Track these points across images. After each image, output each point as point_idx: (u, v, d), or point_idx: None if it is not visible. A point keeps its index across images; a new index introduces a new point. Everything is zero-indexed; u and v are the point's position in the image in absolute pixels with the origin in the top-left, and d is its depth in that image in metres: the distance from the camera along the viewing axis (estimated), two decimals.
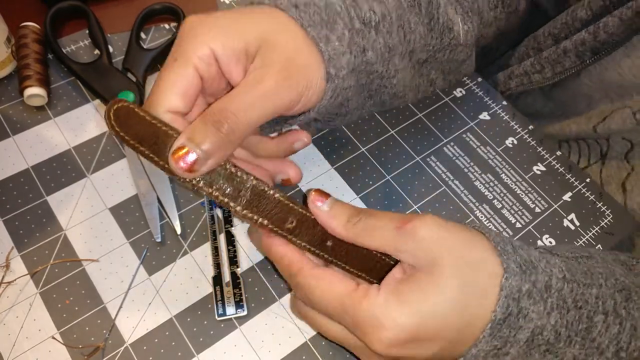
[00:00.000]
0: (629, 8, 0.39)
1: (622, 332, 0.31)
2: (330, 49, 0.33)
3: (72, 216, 0.41)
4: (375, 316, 0.29)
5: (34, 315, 0.37)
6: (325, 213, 0.32)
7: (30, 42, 0.47)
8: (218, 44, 0.31)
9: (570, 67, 0.45)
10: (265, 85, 0.31)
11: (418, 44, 0.39)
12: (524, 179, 0.47)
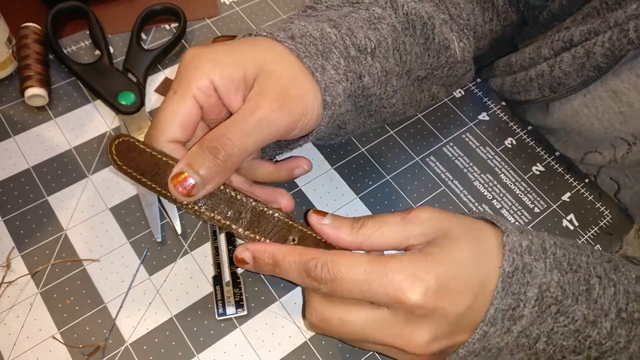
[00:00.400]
0: (582, 47, 0.40)
1: (617, 294, 0.32)
2: (327, 78, 0.35)
3: (73, 216, 0.42)
4: (406, 270, 0.30)
5: (35, 315, 0.37)
6: (329, 226, 0.33)
7: (31, 43, 0.47)
8: (216, 75, 0.33)
9: (534, 99, 0.46)
10: (260, 112, 0.32)
11: (415, 63, 0.40)
12: (523, 179, 0.47)
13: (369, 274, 0.30)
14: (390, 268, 0.30)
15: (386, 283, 0.30)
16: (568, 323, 0.31)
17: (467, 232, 0.32)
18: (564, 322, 0.31)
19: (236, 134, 0.32)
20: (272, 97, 0.33)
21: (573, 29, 0.41)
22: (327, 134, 0.39)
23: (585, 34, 0.40)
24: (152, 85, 0.49)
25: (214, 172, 0.32)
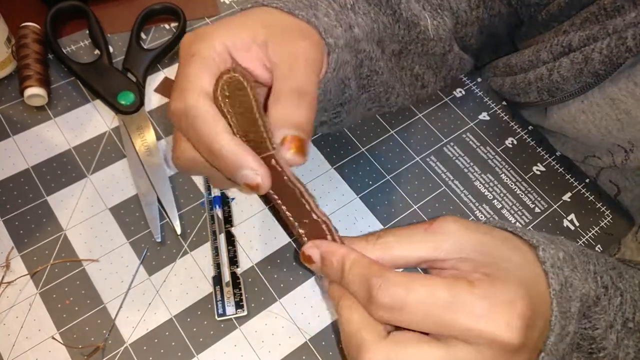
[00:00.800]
0: (581, 52, 0.40)
1: (624, 303, 0.31)
2: (323, 23, 0.34)
3: (72, 216, 0.41)
4: (497, 298, 0.25)
5: (34, 315, 0.37)
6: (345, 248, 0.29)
7: (31, 42, 0.47)
8: (225, 37, 0.31)
9: (533, 101, 0.46)
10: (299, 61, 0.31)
11: (384, 33, 0.39)
12: (523, 179, 0.47)
13: (452, 297, 0.25)
14: (476, 293, 0.25)
15: (473, 318, 0.25)
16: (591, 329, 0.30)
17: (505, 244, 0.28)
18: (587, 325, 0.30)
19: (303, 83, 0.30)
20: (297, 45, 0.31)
21: (572, 34, 0.41)
22: (333, 94, 0.37)
23: (584, 40, 0.40)
24: (152, 85, 0.49)
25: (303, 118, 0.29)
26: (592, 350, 0.30)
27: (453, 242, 0.28)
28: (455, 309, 0.25)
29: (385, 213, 0.44)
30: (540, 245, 0.28)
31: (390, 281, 0.26)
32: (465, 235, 0.28)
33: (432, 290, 0.25)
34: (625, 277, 0.32)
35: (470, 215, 0.44)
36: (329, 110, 0.39)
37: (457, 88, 0.52)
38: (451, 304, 0.25)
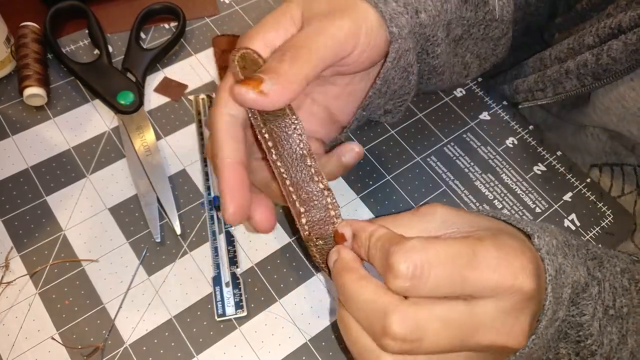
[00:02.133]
0: (634, 33, 0.39)
1: (602, 291, 0.31)
2: (390, 9, 0.34)
3: (72, 216, 0.41)
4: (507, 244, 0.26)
5: (33, 315, 0.37)
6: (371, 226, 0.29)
7: (30, 42, 0.47)
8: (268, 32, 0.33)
9: (570, 90, 0.45)
10: (313, 26, 0.31)
11: (453, 15, 0.38)
12: (524, 179, 0.47)
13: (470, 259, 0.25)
14: (487, 250, 0.25)
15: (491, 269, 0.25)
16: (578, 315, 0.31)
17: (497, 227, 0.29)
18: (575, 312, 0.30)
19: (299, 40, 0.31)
20: (322, 14, 0.32)
21: (621, 15, 0.40)
22: (397, 83, 0.36)
23: (635, 19, 0.39)
24: (152, 84, 0.49)
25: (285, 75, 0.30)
26: (580, 337, 0.31)
27: (441, 221, 0.28)
28: (476, 264, 0.25)
29: (385, 213, 0.44)
30: (535, 232, 0.29)
31: (406, 246, 0.25)
32: (454, 214, 0.29)
33: (451, 248, 0.25)
34: (606, 266, 0.32)
35: None
36: (395, 98, 0.38)
37: (458, 87, 0.52)
38: (471, 261, 0.25)
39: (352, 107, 0.38)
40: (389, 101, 0.38)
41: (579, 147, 0.50)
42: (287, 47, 0.31)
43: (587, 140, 0.49)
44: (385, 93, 0.37)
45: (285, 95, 0.30)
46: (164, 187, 0.42)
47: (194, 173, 0.44)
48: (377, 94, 0.36)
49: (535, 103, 0.48)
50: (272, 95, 0.29)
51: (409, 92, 0.38)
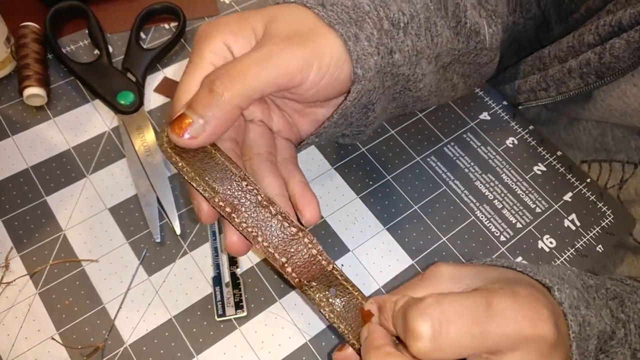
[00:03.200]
0: (637, 31, 0.39)
1: (629, 334, 0.30)
2: (359, 49, 0.32)
3: (72, 216, 0.41)
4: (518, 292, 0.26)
5: (33, 315, 0.37)
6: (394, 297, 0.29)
7: (30, 42, 0.47)
8: (228, 36, 0.31)
9: (574, 89, 0.44)
10: (265, 48, 0.30)
11: (444, 47, 0.38)
12: (524, 179, 0.47)
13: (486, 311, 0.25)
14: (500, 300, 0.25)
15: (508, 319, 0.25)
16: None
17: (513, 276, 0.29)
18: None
19: (236, 67, 0.29)
20: (280, 36, 0.30)
21: (620, 13, 0.40)
22: (355, 117, 0.36)
23: (636, 16, 0.39)
24: (152, 84, 0.49)
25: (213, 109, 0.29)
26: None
27: (450, 279, 0.28)
28: (492, 314, 0.24)
29: (385, 213, 0.44)
30: (554, 285, 0.28)
31: (421, 305, 0.25)
32: (460, 270, 0.28)
33: (466, 301, 0.25)
34: (628, 305, 0.32)
35: (471, 216, 0.44)
36: (352, 128, 0.38)
37: None
38: (487, 312, 0.24)
39: (309, 127, 0.37)
40: (346, 129, 0.38)
41: (571, 142, 0.50)
42: (219, 74, 0.29)
43: (579, 135, 0.49)
44: (342, 124, 0.36)
45: (215, 134, 0.29)
46: (164, 187, 0.42)
47: None
48: (332, 125, 0.35)
49: (538, 103, 0.48)
50: (201, 139, 0.29)
51: (367, 125, 0.37)
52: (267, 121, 0.35)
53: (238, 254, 0.32)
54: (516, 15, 0.46)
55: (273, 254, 0.30)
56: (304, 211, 0.33)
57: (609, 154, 0.48)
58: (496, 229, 0.44)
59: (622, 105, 0.43)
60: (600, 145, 0.48)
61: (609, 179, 0.48)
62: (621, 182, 0.47)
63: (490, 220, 0.44)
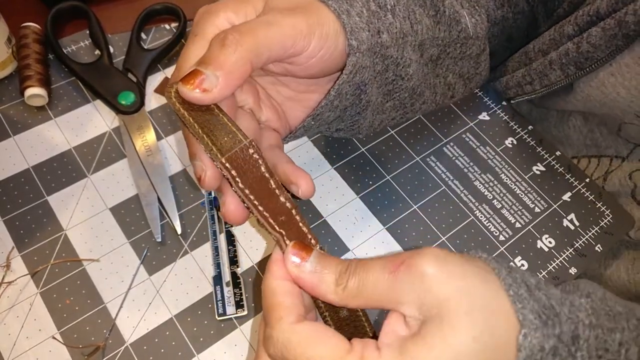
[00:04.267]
0: (613, 18, 0.39)
1: None
2: (352, 22, 0.33)
3: (73, 216, 0.41)
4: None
5: (35, 315, 0.37)
6: (309, 276, 0.27)
7: (31, 43, 0.47)
8: (230, 13, 0.31)
9: (555, 82, 0.45)
10: (269, 15, 0.31)
11: (426, 35, 0.38)
12: (523, 179, 0.47)
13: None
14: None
15: None
16: None
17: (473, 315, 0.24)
18: None
19: (245, 26, 0.29)
20: (281, 7, 0.31)
21: (598, 2, 0.41)
22: (349, 101, 0.36)
23: (613, 5, 0.39)
24: (152, 85, 0.49)
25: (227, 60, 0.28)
26: None
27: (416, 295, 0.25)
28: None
29: (385, 213, 0.44)
30: (524, 326, 0.24)
31: (278, 337, 0.26)
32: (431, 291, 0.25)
33: (315, 356, 0.25)
34: None
35: (471, 216, 0.45)
36: (346, 119, 0.38)
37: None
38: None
39: (302, 113, 0.37)
40: (340, 121, 0.38)
41: (562, 139, 0.51)
42: (230, 30, 0.29)
43: (569, 132, 0.50)
44: (337, 107, 0.36)
45: (229, 87, 0.29)
46: (165, 187, 0.43)
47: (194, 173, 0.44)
48: (328, 106, 0.35)
49: (527, 97, 0.48)
50: (216, 92, 0.28)
51: (361, 112, 0.37)
52: (256, 112, 0.36)
53: (236, 222, 0.31)
54: (505, 10, 0.47)
55: (273, 225, 0.29)
56: (299, 182, 0.32)
57: (598, 149, 0.48)
58: (495, 229, 0.44)
59: (600, 96, 0.43)
60: (590, 142, 0.49)
61: (594, 172, 0.49)
62: (605, 174, 0.47)
63: (489, 220, 0.44)
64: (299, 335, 0.26)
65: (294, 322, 0.26)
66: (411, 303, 0.25)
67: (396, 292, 0.25)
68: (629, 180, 0.46)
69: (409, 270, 0.25)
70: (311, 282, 0.27)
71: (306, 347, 0.25)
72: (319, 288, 0.27)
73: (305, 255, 0.28)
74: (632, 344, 0.26)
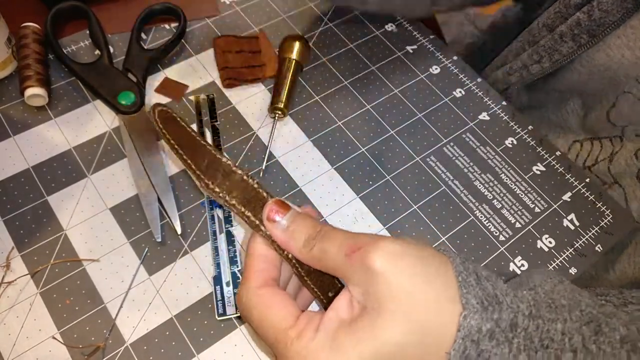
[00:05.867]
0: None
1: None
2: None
3: (73, 216, 0.41)
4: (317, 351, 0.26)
5: (35, 315, 0.37)
6: (281, 233, 0.29)
7: (31, 43, 0.47)
8: None
9: (567, 54, 0.45)
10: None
11: None
12: (523, 179, 0.47)
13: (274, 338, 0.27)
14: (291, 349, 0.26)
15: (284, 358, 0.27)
16: None
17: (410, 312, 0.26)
18: None
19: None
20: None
21: None
22: None
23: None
24: (152, 85, 0.49)
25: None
26: None
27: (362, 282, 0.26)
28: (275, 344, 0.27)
29: (385, 213, 0.44)
30: (467, 308, 0.26)
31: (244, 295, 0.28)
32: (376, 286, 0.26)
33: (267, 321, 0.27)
34: (604, 331, 0.28)
35: (471, 216, 0.45)
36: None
37: (457, 88, 0.52)
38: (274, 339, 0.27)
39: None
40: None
41: (561, 124, 0.51)
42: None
43: (568, 117, 0.50)
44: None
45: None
46: (165, 187, 0.43)
47: None
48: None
49: (532, 79, 0.48)
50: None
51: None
52: None
53: None
54: None
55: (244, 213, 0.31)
56: None
57: (595, 132, 0.49)
58: (495, 229, 0.44)
59: (605, 59, 0.43)
60: (588, 125, 0.49)
61: (599, 154, 0.49)
62: (611, 155, 0.48)
63: (489, 220, 0.44)
64: (258, 299, 0.28)
65: (258, 286, 0.29)
66: (358, 287, 0.27)
67: (348, 272, 0.27)
68: (635, 160, 0.46)
69: (361, 259, 0.26)
70: (283, 239, 0.29)
71: (259, 311, 0.28)
72: (288, 244, 0.29)
73: (283, 213, 0.29)
74: (574, 333, 0.27)
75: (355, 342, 0.26)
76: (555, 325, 0.27)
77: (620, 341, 0.27)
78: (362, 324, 0.26)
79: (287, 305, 0.28)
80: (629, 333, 0.28)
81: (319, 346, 0.26)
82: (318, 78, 0.51)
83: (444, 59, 0.54)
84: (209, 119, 0.47)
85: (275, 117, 0.47)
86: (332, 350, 0.26)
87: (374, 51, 0.53)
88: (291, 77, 0.48)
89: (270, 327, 0.27)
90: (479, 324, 0.26)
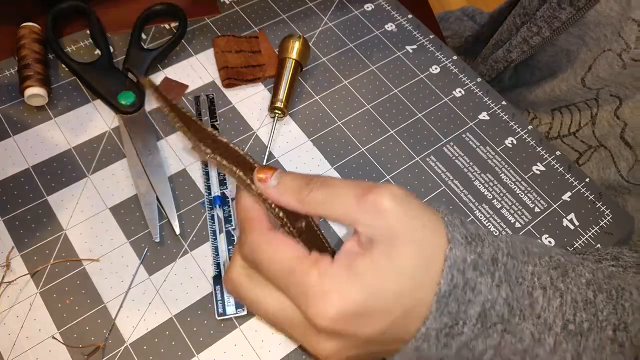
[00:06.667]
0: None
1: (564, 304, 0.30)
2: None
3: (73, 216, 0.41)
4: (323, 287, 0.27)
5: (35, 315, 0.37)
6: (274, 190, 0.30)
7: (31, 42, 0.47)
8: None
9: (567, 20, 0.46)
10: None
11: None
12: (523, 179, 0.47)
13: (290, 269, 0.28)
14: (311, 277, 0.28)
15: (303, 290, 0.28)
16: (516, 342, 0.29)
17: (415, 239, 0.28)
18: (512, 340, 0.29)
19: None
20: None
21: None
22: None
23: None
24: None
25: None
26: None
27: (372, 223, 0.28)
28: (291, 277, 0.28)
29: None
30: (452, 242, 0.28)
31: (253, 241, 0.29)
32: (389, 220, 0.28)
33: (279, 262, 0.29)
34: (571, 276, 0.31)
35: (471, 216, 0.45)
36: None
37: (457, 88, 0.52)
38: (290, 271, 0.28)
39: None
40: None
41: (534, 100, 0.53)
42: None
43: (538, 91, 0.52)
44: None
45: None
46: (164, 187, 0.43)
47: (194, 173, 0.44)
48: None
49: (531, 53, 0.49)
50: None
51: None
52: None
53: None
54: None
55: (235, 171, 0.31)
56: None
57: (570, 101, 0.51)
58: (495, 229, 0.44)
59: (595, 15, 0.44)
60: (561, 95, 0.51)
61: (581, 119, 0.50)
62: (593, 118, 0.49)
63: (489, 220, 0.44)
64: (266, 239, 0.29)
65: (267, 229, 0.30)
66: (367, 225, 0.29)
67: (358, 214, 0.29)
68: (617, 120, 0.47)
69: (374, 200, 0.29)
70: (276, 193, 0.30)
71: (271, 250, 0.29)
72: (283, 197, 0.30)
73: (270, 174, 0.31)
74: (543, 274, 0.30)
75: (374, 270, 0.27)
76: (527, 267, 0.30)
77: (587, 284, 0.31)
78: (377, 252, 0.28)
79: (297, 243, 0.29)
80: (595, 278, 0.31)
81: (340, 272, 0.28)
82: (318, 78, 0.51)
83: (444, 59, 0.54)
84: (209, 119, 0.47)
85: (275, 117, 0.47)
86: (353, 276, 0.27)
87: (374, 51, 0.53)
88: (291, 77, 0.48)
89: (286, 259, 0.28)
90: (464, 255, 0.28)
